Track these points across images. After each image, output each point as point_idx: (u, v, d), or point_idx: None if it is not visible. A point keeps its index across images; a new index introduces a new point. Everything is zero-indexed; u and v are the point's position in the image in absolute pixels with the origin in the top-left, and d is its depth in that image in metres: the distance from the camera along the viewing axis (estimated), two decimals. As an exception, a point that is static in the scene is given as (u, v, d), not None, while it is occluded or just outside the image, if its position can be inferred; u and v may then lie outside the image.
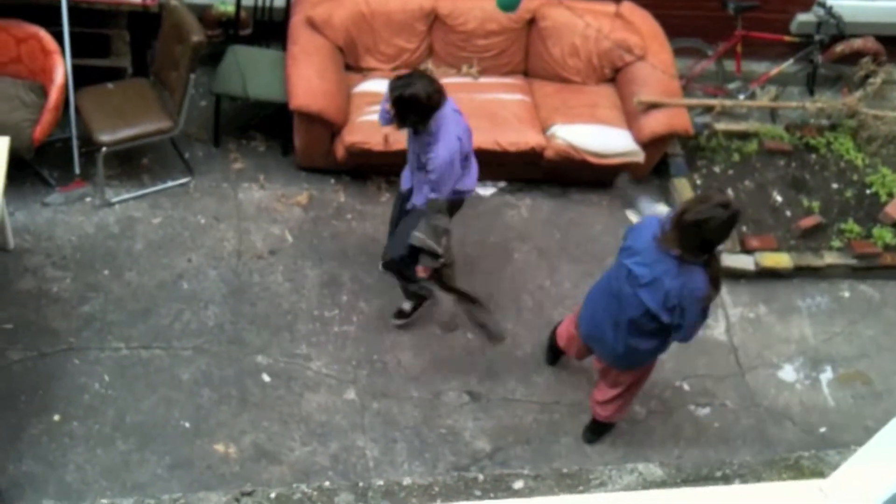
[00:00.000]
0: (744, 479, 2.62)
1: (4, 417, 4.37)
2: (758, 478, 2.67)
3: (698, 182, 5.96)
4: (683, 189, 5.88)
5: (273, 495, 2.62)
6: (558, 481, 2.55)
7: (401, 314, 5.08)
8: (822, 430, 5.11)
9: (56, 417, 4.45)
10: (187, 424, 4.55)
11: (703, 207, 3.68)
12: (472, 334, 5.13)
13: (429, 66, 5.92)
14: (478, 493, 2.53)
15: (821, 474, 2.66)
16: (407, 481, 2.58)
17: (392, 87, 4.22)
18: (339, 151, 5.48)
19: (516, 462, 4.67)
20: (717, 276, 3.87)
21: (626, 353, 4.18)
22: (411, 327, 5.10)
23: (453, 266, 4.68)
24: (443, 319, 4.78)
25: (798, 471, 2.66)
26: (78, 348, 4.70)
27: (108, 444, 4.41)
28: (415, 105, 4.18)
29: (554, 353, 5.05)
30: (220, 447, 4.50)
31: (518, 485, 2.54)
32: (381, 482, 2.60)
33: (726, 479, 2.63)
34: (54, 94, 4.96)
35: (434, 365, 4.99)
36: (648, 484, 2.58)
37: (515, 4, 5.35)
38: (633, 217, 4.57)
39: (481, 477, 2.66)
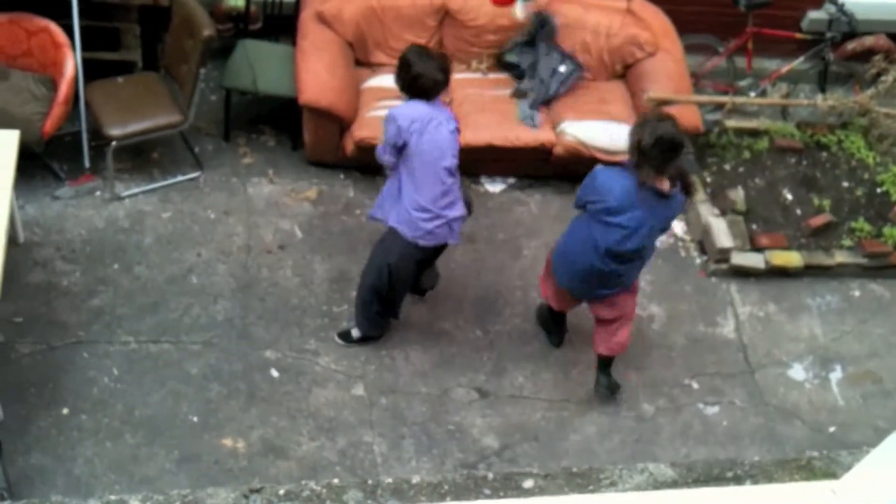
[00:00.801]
0: (755, 479, 2.62)
1: (14, 410, 4.38)
2: (769, 478, 2.66)
3: (708, 179, 5.94)
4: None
5: (282, 492, 2.62)
6: (568, 480, 2.55)
7: (346, 335, 4.96)
8: (832, 429, 5.09)
9: (65, 411, 4.46)
10: (195, 419, 4.55)
11: (651, 127, 4.03)
12: (481, 331, 5.14)
13: (439, 61, 5.90)
14: (487, 491, 2.52)
15: (833, 475, 2.64)
16: (416, 479, 2.58)
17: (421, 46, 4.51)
18: (349, 146, 5.47)
19: (524, 459, 4.67)
20: (690, 181, 4.24)
21: (621, 280, 4.43)
22: (420, 323, 5.10)
23: None
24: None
25: (810, 472, 2.65)
26: (87, 342, 4.71)
27: (116, 437, 4.43)
28: (403, 67, 4.31)
29: (559, 328, 5.11)
30: (228, 442, 4.51)
31: (528, 484, 2.53)
32: (389, 480, 2.60)
33: (737, 480, 2.62)
34: (64, 88, 4.96)
35: (442, 361, 4.99)
36: (659, 484, 2.57)
37: None
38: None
39: (491, 475, 2.65)
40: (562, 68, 5.70)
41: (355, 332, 4.91)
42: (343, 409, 4.72)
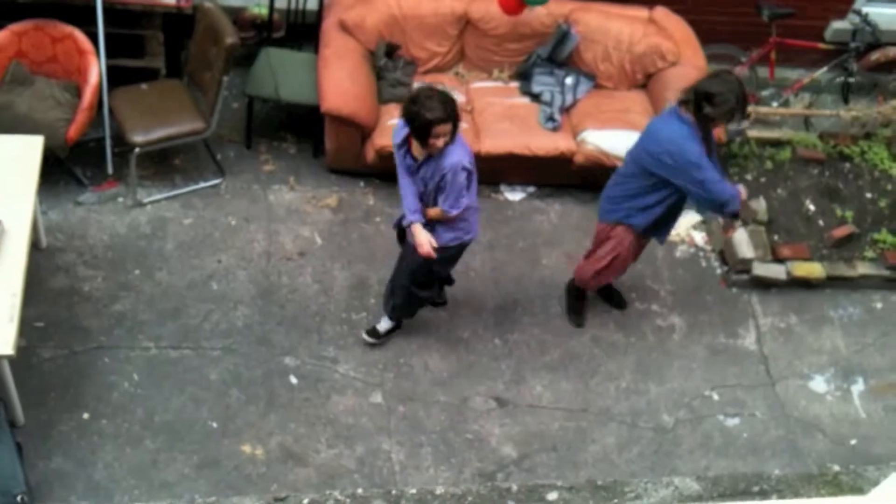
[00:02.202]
0: (781, 494, 2.59)
1: (35, 414, 4.40)
2: (795, 493, 2.63)
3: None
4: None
5: (306, 501, 2.61)
6: (593, 493, 2.53)
7: (374, 333, 4.95)
8: (853, 442, 5.04)
9: (86, 415, 4.48)
10: (215, 424, 4.56)
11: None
12: (500, 340, 5.13)
13: (460, 70, 5.92)
14: (511, 503, 2.50)
15: (860, 490, 2.62)
16: (440, 490, 2.57)
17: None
18: (370, 154, 5.48)
19: (543, 469, 4.63)
20: None
21: None
22: (438, 331, 5.09)
23: None
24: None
25: (836, 487, 2.62)
26: (108, 347, 4.73)
27: (136, 442, 4.44)
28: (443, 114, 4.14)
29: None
30: (247, 448, 4.51)
31: (552, 496, 2.51)
32: (413, 490, 2.59)
33: (764, 494, 2.59)
34: (88, 94, 4.99)
35: (461, 369, 4.98)
36: (685, 498, 2.55)
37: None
38: None
39: (515, 487, 2.64)
40: (568, 80, 5.82)
41: (383, 324, 4.90)
42: (361, 416, 4.71)
